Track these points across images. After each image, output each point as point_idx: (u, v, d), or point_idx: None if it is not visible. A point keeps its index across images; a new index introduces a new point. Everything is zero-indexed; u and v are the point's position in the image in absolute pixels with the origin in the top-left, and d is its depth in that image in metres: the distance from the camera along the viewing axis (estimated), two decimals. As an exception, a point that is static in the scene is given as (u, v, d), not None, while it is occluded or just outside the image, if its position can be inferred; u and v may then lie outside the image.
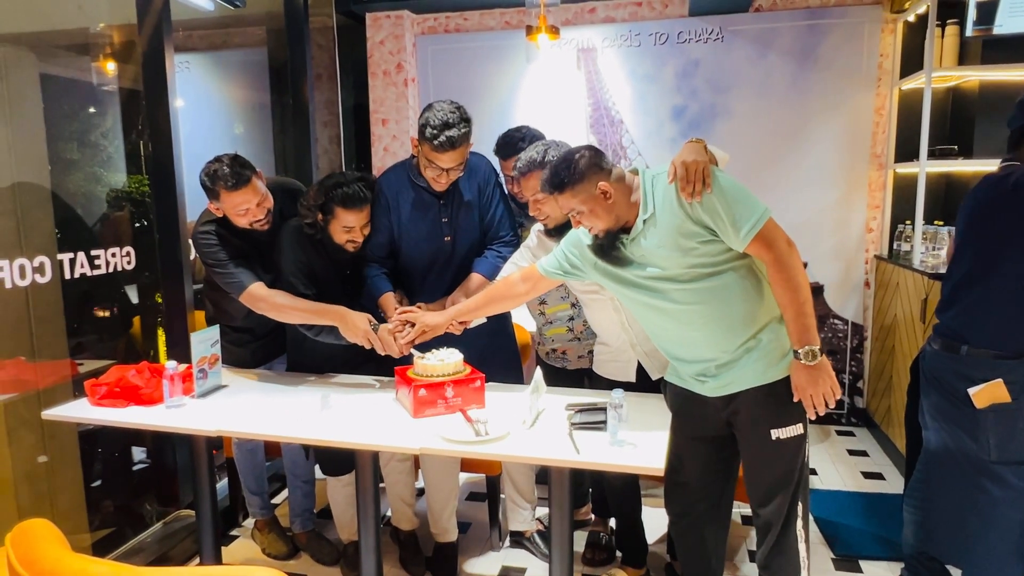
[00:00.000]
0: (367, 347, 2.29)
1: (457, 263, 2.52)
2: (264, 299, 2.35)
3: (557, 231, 2.27)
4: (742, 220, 1.78)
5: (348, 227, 2.32)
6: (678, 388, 2.07)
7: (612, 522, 2.84)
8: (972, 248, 2.12)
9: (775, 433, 1.90)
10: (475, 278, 2.48)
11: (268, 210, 2.41)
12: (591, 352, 2.55)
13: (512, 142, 2.63)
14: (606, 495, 2.65)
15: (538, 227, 2.41)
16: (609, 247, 1.93)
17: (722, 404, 1.97)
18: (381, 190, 2.49)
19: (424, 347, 2.30)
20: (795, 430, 1.91)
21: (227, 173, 2.28)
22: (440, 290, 2.51)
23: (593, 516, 2.88)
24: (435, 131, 2.23)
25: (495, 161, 2.68)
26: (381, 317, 2.41)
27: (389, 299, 2.44)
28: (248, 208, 2.34)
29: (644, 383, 2.30)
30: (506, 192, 2.67)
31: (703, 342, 1.93)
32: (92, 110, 2.93)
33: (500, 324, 2.65)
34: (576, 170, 1.87)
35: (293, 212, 2.46)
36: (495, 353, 2.60)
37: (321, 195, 2.30)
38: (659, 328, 2.01)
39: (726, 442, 2.06)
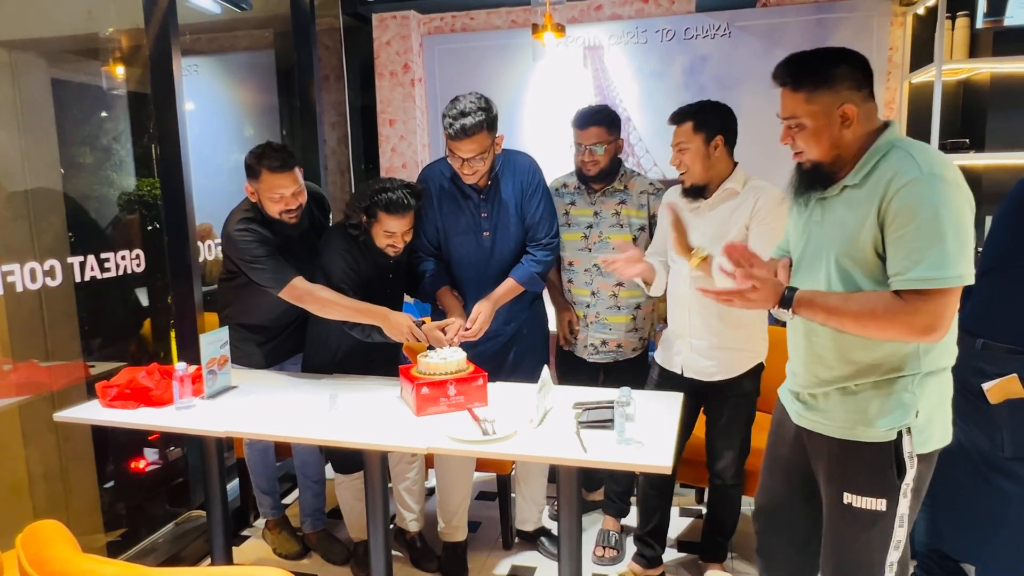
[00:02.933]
0: (412, 343, 2.37)
1: (497, 260, 2.52)
2: (310, 292, 2.37)
3: (695, 192, 2.25)
4: (915, 262, 1.42)
5: (390, 232, 2.35)
6: (779, 400, 1.87)
7: (623, 521, 2.85)
8: (996, 241, 2.09)
9: (848, 497, 1.62)
10: (507, 282, 2.49)
11: (300, 205, 2.46)
12: (595, 346, 2.66)
13: (590, 112, 2.56)
14: (639, 491, 2.62)
15: (669, 197, 2.39)
16: (809, 183, 1.60)
17: (804, 434, 1.74)
18: (426, 182, 2.53)
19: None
20: (873, 503, 1.59)
21: (273, 155, 2.37)
22: (482, 288, 2.50)
23: (606, 516, 2.88)
24: (451, 120, 2.28)
25: (546, 153, 2.69)
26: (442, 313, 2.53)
27: (447, 293, 2.51)
28: (283, 195, 2.40)
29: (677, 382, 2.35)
30: (551, 188, 2.69)
31: (811, 353, 1.67)
32: (103, 114, 2.96)
33: (532, 310, 2.66)
34: (829, 73, 1.52)
35: (317, 215, 2.60)
36: (525, 337, 2.61)
37: (367, 198, 2.34)
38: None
39: (809, 477, 1.77)
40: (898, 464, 1.56)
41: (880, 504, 1.58)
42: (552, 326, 2.83)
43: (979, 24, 3.17)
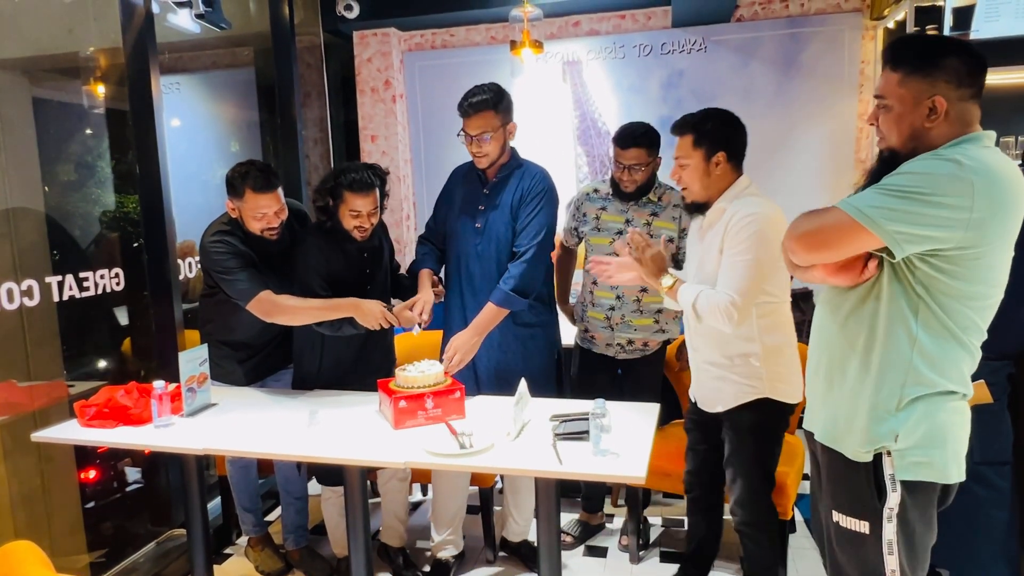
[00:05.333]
0: (386, 327, 2.40)
1: (484, 256, 2.54)
2: (275, 304, 2.39)
3: (697, 207, 2.11)
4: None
5: (356, 212, 2.37)
6: None
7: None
8: None
9: (835, 515, 1.59)
10: (487, 308, 2.45)
11: (282, 221, 2.50)
12: (621, 345, 2.72)
13: (633, 133, 2.61)
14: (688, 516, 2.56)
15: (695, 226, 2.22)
16: (883, 171, 1.49)
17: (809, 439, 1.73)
18: (449, 178, 2.70)
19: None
20: (856, 524, 1.54)
21: (258, 175, 2.40)
22: (469, 280, 2.55)
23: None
24: (462, 101, 2.43)
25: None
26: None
27: (424, 275, 2.58)
28: (265, 214, 2.43)
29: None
30: (581, 193, 2.83)
31: (817, 355, 1.65)
32: (85, 132, 2.97)
33: (528, 346, 2.63)
34: (931, 60, 1.43)
35: (298, 231, 2.61)
36: (532, 353, 2.61)
37: (331, 179, 2.38)
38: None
39: None
40: (878, 486, 1.50)
41: (863, 527, 1.52)
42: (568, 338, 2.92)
43: (946, 38, 3.25)
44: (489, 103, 2.40)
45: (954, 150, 1.40)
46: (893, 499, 1.48)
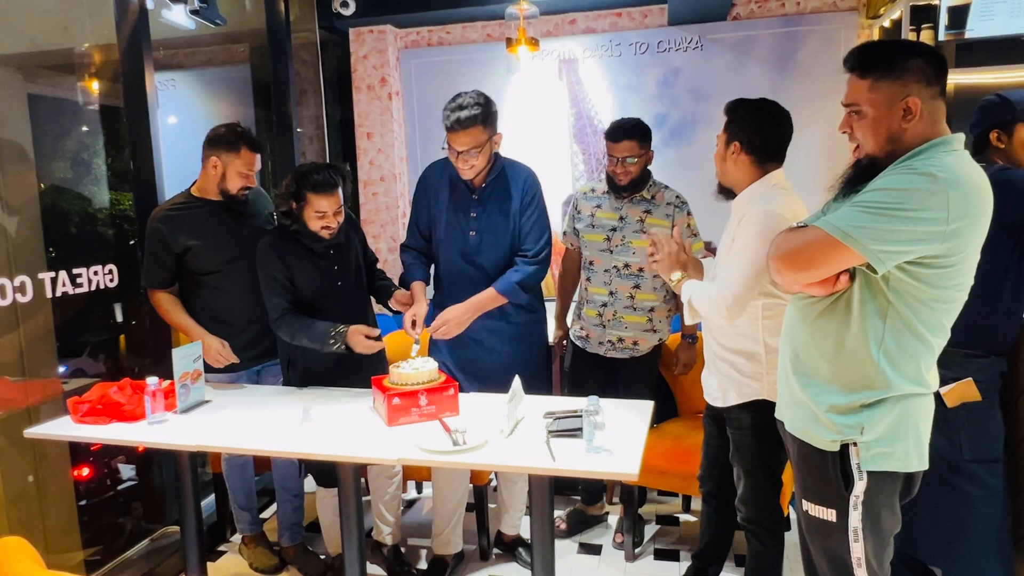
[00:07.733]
0: (222, 365, 2.53)
1: (481, 261, 2.54)
2: (157, 301, 2.61)
3: (723, 192, 2.10)
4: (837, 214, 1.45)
5: (321, 212, 2.37)
6: None
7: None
8: None
9: (805, 504, 1.66)
10: (488, 292, 2.49)
11: (255, 188, 2.69)
12: (612, 343, 2.75)
13: (623, 127, 2.65)
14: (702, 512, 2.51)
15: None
16: (860, 179, 1.52)
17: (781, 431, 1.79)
18: (424, 179, 2.64)
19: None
20: (823, 512, 1.60)
21: (252, 138, 2.59)
22: (465, 286, 2.53)
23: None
24: (448, 112, 2.35)
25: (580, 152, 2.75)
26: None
27: (418, 287, 2.57)
28: (249, 173, 2.58)
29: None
30: (579, 193, 2.87)
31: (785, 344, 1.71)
32: (80, 129, 2.96)
33: (531, 328, 2.66)
34: (899, 63, 1.46)
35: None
36: (524, 358, 2.62)
37: (293, 183, 2.37)
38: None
39: None
40: (845, 475, 1.55)
41: (830, 514, 1.59)
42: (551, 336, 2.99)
43: (941, 36, 3.25)
44: (477, 119, 2.32)
45: (927, 162, 1.42)
46: (859, 487, 1.54)
